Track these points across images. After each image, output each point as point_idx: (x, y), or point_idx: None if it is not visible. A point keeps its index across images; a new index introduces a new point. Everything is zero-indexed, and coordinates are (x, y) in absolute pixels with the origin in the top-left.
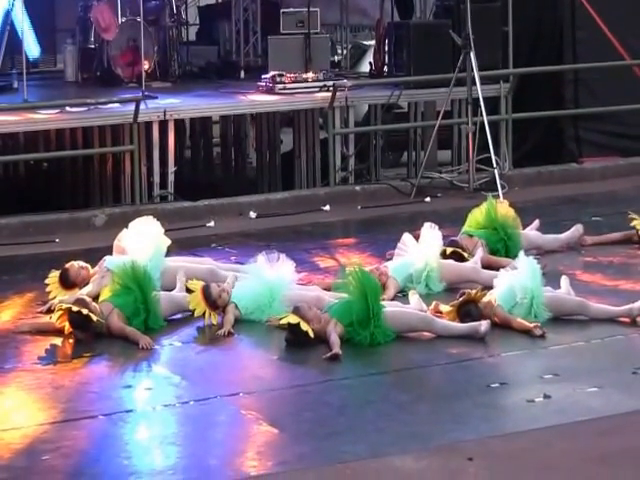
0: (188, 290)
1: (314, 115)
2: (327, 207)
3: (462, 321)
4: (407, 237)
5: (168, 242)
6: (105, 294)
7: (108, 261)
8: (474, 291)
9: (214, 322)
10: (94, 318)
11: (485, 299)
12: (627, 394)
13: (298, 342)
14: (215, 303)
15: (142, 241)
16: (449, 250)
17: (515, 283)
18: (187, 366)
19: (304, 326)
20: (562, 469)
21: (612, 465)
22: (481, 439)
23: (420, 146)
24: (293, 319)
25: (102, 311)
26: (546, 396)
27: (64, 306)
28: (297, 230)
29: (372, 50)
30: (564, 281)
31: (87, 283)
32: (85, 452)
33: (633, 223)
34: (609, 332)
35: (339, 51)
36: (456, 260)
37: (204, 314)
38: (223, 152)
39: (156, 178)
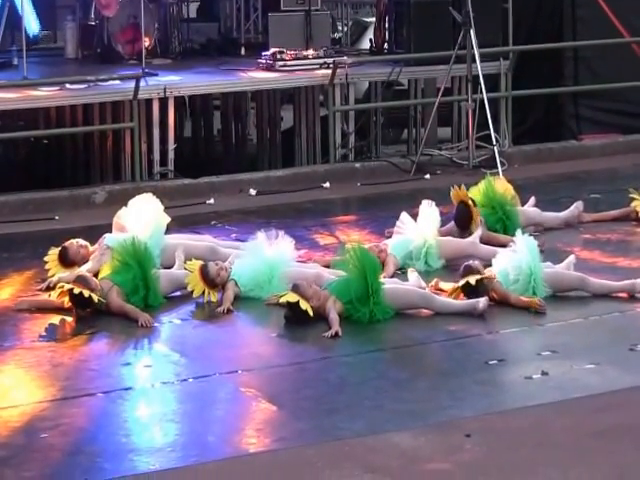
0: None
1: (314, 92)
2: (327, 184)
3: (469, 298)
4: (405, 216)
5: (168, 219)
6: (104, 271)
7: (108, 238)
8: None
9: (213, 300)
10: (96, 299)
11: (485, 273)
12: (624, 371)
13: (297, 319)
14: (213, 282)
15: (142, 218)
16: None
17: (512, 263)
18: (186, 343)
19: (303, 305)
20: (559, 445)
21: (609, 441)
22: (479, 416)
23: (420, 123)
24: (292, 297)
25: (102, 288)
26: (544, 373)
27: (65, 287)
28: (297, 207)
29: (373, 27)
30: (568, 259)
31: (86, 261)
32: (84, 430)
33: (633, 204)
34: (606, 309)
35: (339, 28)
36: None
37: (203, 293)
38: (223, 129)
39: (156, 155)
